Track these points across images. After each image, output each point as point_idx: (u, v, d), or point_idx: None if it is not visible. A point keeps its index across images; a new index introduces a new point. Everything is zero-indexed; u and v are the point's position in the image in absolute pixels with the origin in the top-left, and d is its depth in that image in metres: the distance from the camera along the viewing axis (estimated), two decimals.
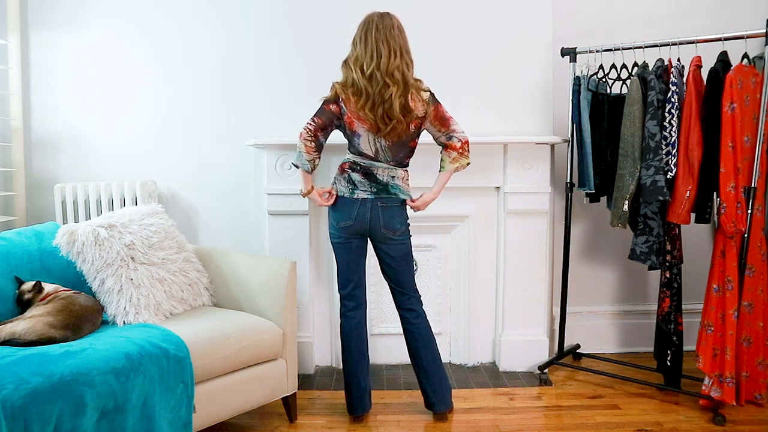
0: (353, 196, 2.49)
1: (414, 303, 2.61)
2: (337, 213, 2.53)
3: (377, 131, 2.43)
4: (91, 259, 2.34)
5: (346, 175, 2.51)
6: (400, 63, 2.38)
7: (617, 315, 3.52)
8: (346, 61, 2.46)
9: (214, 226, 3.44)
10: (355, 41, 2.44)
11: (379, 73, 2.36)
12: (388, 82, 2.36)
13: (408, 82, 2.40)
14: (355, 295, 2.61)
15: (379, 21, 2.40)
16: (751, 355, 2.71)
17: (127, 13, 3.34)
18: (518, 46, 3.14)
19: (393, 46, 2.38)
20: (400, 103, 2.37)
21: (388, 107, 2.36)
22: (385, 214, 2.49)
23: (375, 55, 2.37)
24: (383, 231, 2.50)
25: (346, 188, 2.51)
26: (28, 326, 2.07)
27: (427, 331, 2.60)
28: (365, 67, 2.37)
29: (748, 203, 2.57)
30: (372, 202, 2.49)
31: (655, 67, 2.74)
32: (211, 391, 2.24)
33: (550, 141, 3.09)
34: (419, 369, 2.61)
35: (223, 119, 3.38)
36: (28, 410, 1.71)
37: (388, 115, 2.38)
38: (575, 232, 3.42)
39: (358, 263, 2.59)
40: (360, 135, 2.47)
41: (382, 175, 2.49)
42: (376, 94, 2.37)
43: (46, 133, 3.39)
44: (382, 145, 2.46)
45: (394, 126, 2.40)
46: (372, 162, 2.49)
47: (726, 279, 2.63)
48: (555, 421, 2.65)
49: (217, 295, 2.68)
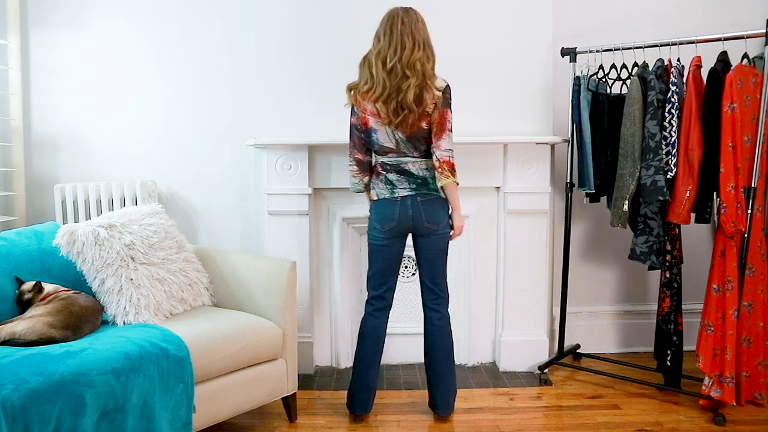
0: (394, 195, 2.50)
1: (441, 304, 2.62)
2: (379, 215, 2.53)
3: (389, 123, 2.43)
4: (91, 259, 2.33)
5: (382, 176, 2.52)
6: (421, 55, 2.39)
7: (617, 315, 3.52)
8: (366, 57, 2.47)
9: (214, 226, 3.44)
10: (378, 35, 2.45)
11: (400, 65, 2.37)
12: (407, 74, 2.37)
13: (426, 74, 2.40)
14: (385, 297, 2.61)
15: (404, 15, 2.42)
16: (751, 355, 2.71)
17: (127, 13, 3.34)
18: (518, 46, 3.14)
19: (417, 39, 2.40)
20: (415, 93, 2.37)
21: (401, 98, 2.37)
22: (426, 208, 2.49)
23: (399, 48, 2.38)
24: (427, 226, 2.50)
25: (386, 189, 2.51)
26: (28, 326, 2.07)
27: (448, 334, 2.61)
28: (388, 60, 2.38)
29: (748, 203, 2.57)
30: (412, 198, 2.49)
31: (655, 67, 2.74)
32: (211, 391, 2.24)
33: (550, 141, 3.09)
34: (432, 370, 2.62)
35: (224, 119, 3.38)
36: (28, 410, 1.71)
37: (401, 106, 2.38)
38: (575, 232, 3.42)
39: (395, 267, 2.60)
40: (377, 130, 2.47)
41: (417, 170, 2.49)
42: (392, 86, 2.38)
43: (46, 133, 3.39)
44: (400, 137, 2.46)
45: (405, 116, 2.39)
46: (399, 158, 2.49)
47: (726, 279, 2.63)
48: (555, 421, 2.65)
49: (217, 295, 2.68)
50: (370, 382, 2.61)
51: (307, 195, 3.09)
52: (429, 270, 2.59)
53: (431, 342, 2.61)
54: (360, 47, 3.09)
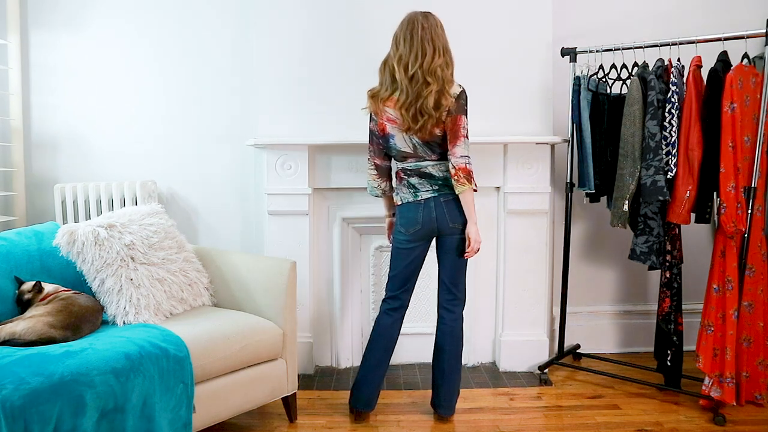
0: (417, 198, 2.50)
1: (458, 305, 2.61)
2: (404, 219, 2.54)
3: (407, 129, 2.43)
4: (91, 259, 2.33)
5: (404, 181, 2.53)
6: (441, 62, 2.40)
7: (617, 315, 3.52)
8: (387, 62, 2.46)
9: (214, 226, 3.44)
10: (398, 40, 2.44)
11: (421, 71, 2.37)
12: (428, 80, 2.37)
13: (445, 80, 2.41)
14: (402, 298, 2.61)
15: (424, 20, 2.41)
16: (751, 355, 2.71)
17: (127, 13, 3.33)
18: (518, 46, 3.14)
19: (437, 45, 2.40)
20: (435, 99, 2.38)
21: (421, 104, 2.37)
22: (450, 208, 2.49)
23: (420, 54, 2.38)
24: (452, 226, 2.50)
25: (409, 193, 2.52)
26: (28, 326, 2.07)
27: (459, 335, 2.62)
28: (410, 66, 2.38)
29: (748, 203, 2.57)
30: (435, 199, 2.49)
31: (655, 67, 2.74)
32: (211, 391, 2.24)
33: (550, 141, 3.09)
34: (439, 370, 2.62)
35: (224, 119, 3.38)
36: (28, 410, 1.71)
37: (420, 112, 2.38)
38: (575, 232, 3.42)
39: (416, 270, 2.61)
40: (394, 135, 2.48)
41: (437, 172, 2.49)
42: (413, 93, 2.38)
43: (46, 133, 3.39)
44: (417, 142, 2.46)
45: (425, 122, 2.39)
46: (418, 162, 2.50)
47: (726, 279, 2.63)
48: (555, 421, 2.65)
49: (217, 295, 2.68)
50: (377, 380, 2.62)
51: (307, 195, 3.09)
52: (450, 270, 2.59)
53: (442, 342, 2.61)
54: (360, 47, 3.11)
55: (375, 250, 3.24)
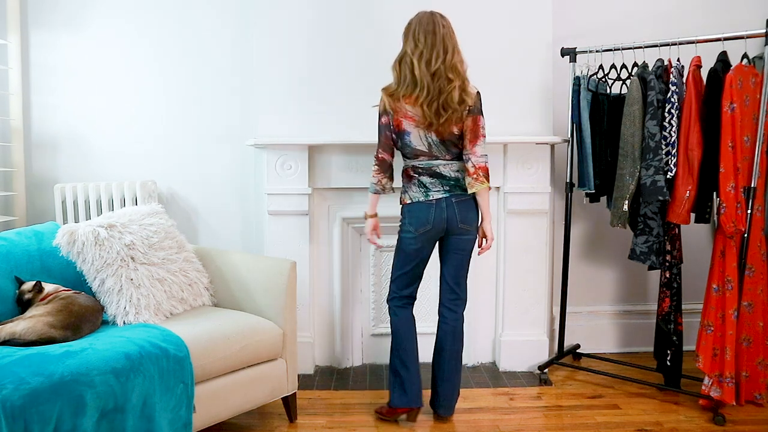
0: (428, 198, 2.49)
1: (459, 305, 2.63)
2: (414, 218, 2.52)
3: (428, 126, 2.43)
4: (91, 259, 2.33)
5: (415, 180, 2.52)
6: (460, 59, 2.44)
7: (617, 315, 3.52)
8: (403, 58, 2.45)
9: (214, 226, 3.44)
10: (415, 37, 2.43)
11: (444, 67, 2.39)
12: (451, 77, 2.40)
13: (464, 77, 2.44)
14: (411, 295, 2.63)
15: (441, 19, 2.45)
16: (750, 355, 2.71)
17: (127, 13, 3.34)
18: (518, 46, 3.14)
19: (454, 43, 2.44)
20: (459, 93, 2.40)
21: (444, 99, 2.39)
22: (461, 209, 2.50)
23: (441, 51, 2.40)
24: (461, 226, 2.51)
25: (420, 192, 2.51)
26: (28, 326, 2.07)
27: (460, 336, 2.63)
28: (433, 62, 2.39)
29: (748, 203, 2.57)
30: (447, 199, 2.49)
31: (655, 67, 2.74)
32: (211, 391, 2.24)
33: (550, 141, 3.09)
34: (439, 369, 2.62)
35: (224, 119, 3.38)
36: (28, 410, 1.71)
37: (443, 107, 2.40)
38: (575, 232, 3.42)
39: (422, 269, 2.61)
40: (410, 132, 2.47)
41: (448, 172, 2.50)
42: (434, 88, 2.39)
43: (46, 133, 3.39)
44: (433, 140, 2.47)
45: (449, 117, 2.41)
46: (430, 161, 2.50)
47: (726, 279, 2.63)
48: (555, 421, 2.65)
49: (217, 295, 2.68)
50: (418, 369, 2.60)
51: (307, 195, 3.09)
52: (454, 269, 2.60)
53: (443, 342, 2.62)
54: (360, 47, 3.11)
55: (375, 250, 3.24)
